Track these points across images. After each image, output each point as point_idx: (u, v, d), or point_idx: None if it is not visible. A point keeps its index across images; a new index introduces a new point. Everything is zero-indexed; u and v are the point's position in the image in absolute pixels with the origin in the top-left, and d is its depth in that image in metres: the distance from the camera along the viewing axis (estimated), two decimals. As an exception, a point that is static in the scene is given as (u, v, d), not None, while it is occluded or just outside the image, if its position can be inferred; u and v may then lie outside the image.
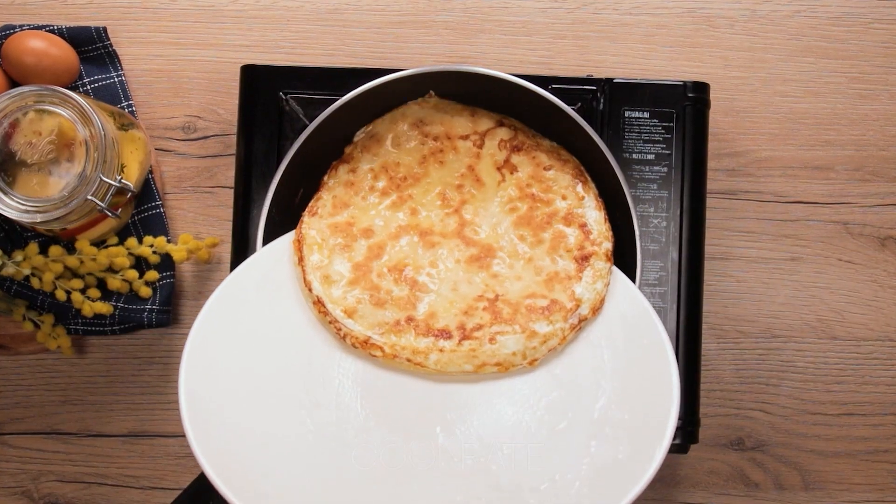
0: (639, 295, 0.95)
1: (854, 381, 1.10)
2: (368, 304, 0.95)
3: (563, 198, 0.98)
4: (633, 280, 0.95)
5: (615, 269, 0.96)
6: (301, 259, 0.97)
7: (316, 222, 0.98)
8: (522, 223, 0.98)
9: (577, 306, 0.95)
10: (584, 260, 0.96)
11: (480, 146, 0.99)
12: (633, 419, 0.92)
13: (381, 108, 1.00)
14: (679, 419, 1.00)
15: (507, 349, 0.94)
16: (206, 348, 0.92)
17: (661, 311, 1.02)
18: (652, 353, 0.93)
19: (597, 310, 0.96)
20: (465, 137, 0.99)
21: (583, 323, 0.95)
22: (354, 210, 0.98)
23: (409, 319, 0.95)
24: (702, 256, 1.03)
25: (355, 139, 1.00)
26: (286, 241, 0.97)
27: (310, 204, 0.99)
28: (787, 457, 1.09)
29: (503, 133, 0.99)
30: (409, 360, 0.94)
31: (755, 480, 1.09)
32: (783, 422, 1.09)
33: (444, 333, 0.94)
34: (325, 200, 0.99)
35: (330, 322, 0.95)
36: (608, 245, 0.97)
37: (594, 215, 0.98)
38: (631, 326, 0.95)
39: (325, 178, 1.00)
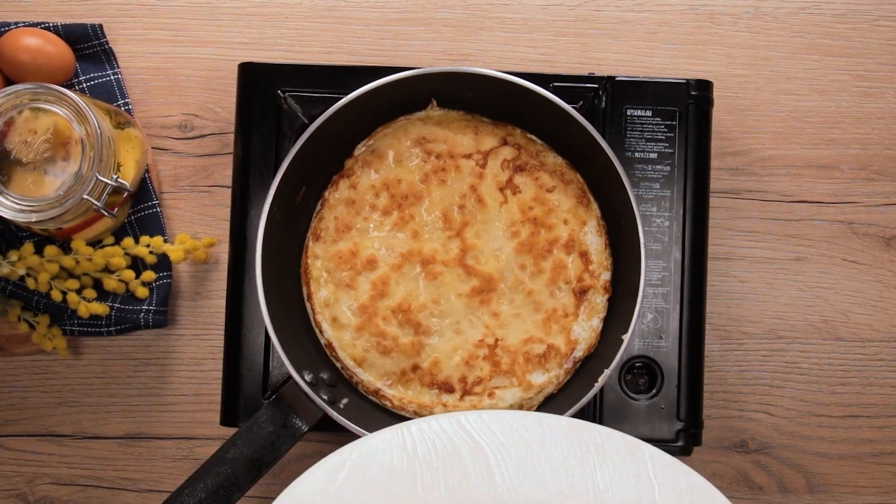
0: None
1: (859, 383, 1.09)
2: (375, 352, 0.98)
3: (565, 222, 0.99)
4: (638, 282, 0.94)
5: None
6: (310, 296, 0.99)
7: (321, 249, 1.00)
8: (524, 250, 0.99)
9: (573, 349, 0.97)
10: (582, 293, 0.98)
11: (483, 166, 0.99)
12: None
13: (383, 106, 0.99)
14: (681, 421, 1.00)
15: (505, 402, 0.98)
16: None
17: (663, 312, 1.02)
18: None
19: (592, 347, 0.97)
20: (468, 156, 0.99)
21: (577, 364, 0.97)
22: (356, 235, 0.99)
23: (415, 368, 0.98)
24: (705, 256, 1.03)
25: (356, 153, 1.00)
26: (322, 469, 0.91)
27: (312, 225, 1.00)
28: (792, 459, 1.09)
29: (506, 152, 1.00)
30: (415, 413, 0.97)
31: (759, 483, 1.09)
32: (787, 424, 1.09)
33: (447, 387, 0.98)
34: (327, 221, 1.00)
35: (341, 368, 0.98)
36: (607, 276, 0.99)
37: (595, 242, 0.99)
38: None
39: (326, 193, 1.00)
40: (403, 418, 0.97)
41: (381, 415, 0.99)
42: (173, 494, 0.93)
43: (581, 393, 0.96)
